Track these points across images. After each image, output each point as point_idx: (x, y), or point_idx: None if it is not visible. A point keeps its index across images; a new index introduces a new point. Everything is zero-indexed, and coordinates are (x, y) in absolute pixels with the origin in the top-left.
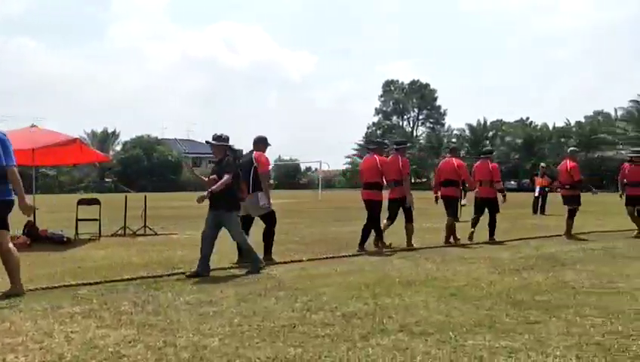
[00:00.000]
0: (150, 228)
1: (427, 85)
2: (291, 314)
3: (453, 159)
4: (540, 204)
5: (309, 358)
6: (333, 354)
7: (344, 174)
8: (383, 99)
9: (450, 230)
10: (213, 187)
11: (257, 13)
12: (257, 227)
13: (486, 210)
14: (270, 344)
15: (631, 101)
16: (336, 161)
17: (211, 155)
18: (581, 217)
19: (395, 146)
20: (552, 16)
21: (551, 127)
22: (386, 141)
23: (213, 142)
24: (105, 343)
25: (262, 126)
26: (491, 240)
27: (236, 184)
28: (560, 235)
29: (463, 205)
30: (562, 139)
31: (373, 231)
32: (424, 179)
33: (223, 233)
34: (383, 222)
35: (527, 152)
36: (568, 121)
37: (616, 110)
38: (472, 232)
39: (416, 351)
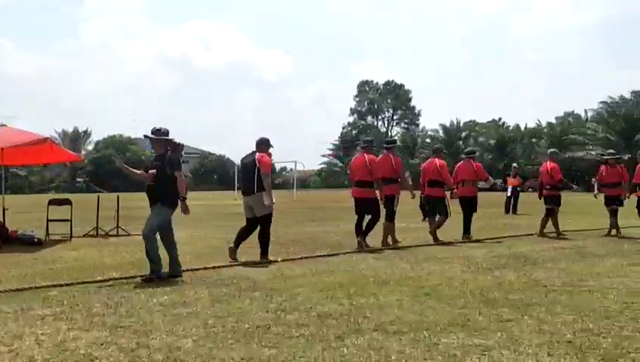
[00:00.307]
0: (123, 229)
1: (402, 86)
2: (266, 315)
3: (436, 160)
4: (512, 204)
5: (283, 359)
6: (307, 354)
7: (319, 174)
8: (358, 99)
9: (437, 227)
10: (181, 191)
11: (231, 12)
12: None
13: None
14: (244, 345)
15: (601, 102)
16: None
17: (185, 155)
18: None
19: (385, 145)
20: (525, 18)
21: (523, 128)
22: (371, 139)
23: (152, 136)
24: (76, 345)
25: (237, 126)
26: (465, 238)
27: (174, 181)
28: (532, 234)
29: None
30: (534, 140)
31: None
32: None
33: (197, 233)
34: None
35: (499, 153)
36: (539, 122)
37: (586, 111)
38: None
39: (390, 351)
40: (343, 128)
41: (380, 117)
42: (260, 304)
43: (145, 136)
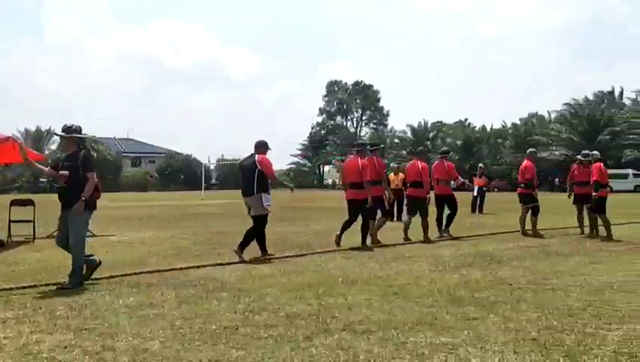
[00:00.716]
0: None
1: (370, 86)
2: (234, 316)
3: (418, 161)
4: (478, 204)
5: (251, 360)
6: (276, 355)
7: (288, 174)
8: (327, 99)
9: (425, 228)
10: (85, 192)
11: (199, 11)
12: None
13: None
14: (212, 346)
15: (565, 104)
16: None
17: (152, 154)
18: (518, 216)
19: (369, 148)
20: (491, 20)
21: (489, 129)
22: (361, 142)
23: (62, 133)
24: (39, 349)
25: (205, 125)
26: (445, 231)
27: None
28: (497, 233)
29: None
30: (499, 140)
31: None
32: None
33: (163, 234)
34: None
35: (466, 153)
36: (505, 123)
37: (549, 113)
38: (440, 229)
39: (359, 350)
40: (312, 128)
41: (349, 117)
42: (228, 305)
43: (55, 133)
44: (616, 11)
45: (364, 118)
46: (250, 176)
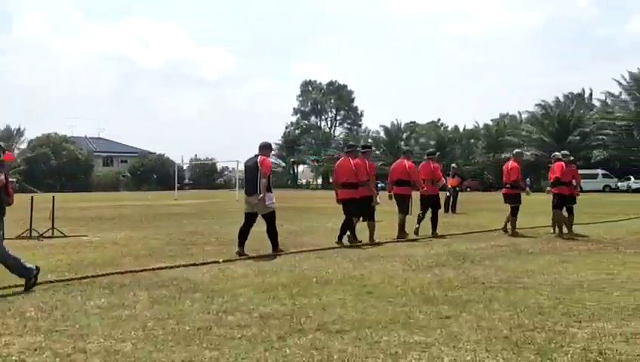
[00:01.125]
0: (59, 230)
1: (345, 86)
2: (207, 317)
3: (405, 161)
4: (450, 203)
5: (225, 361)
6: (250, 355)
7: None
8: (301, 98)
9: (401, 226)
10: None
11: (172, 9)
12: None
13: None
14: (185, 347)
15: (536, 105)
16: None
17: (124, 154)
18: (490, 215)
19: (361, 150)
20: (465, 22)
21: (461, 129)
22: (354, 144)
23: None
24: (9, 351)
25: (178, 125)
26: (434, 234)
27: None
28: (469, 233)
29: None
30: (472, 141)
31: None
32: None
33: (136, 235)
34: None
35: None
36: (477, 123)
37: (520, 113)
38: (417, 228)
39: (333, 350)
40: (286, 128)
41: (323, 117)
42: (201, 305)
43: None
44: (585, 12)
45: (338, 118)
46: (253, 176)
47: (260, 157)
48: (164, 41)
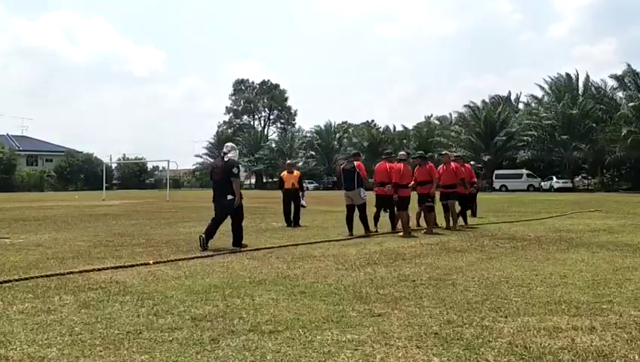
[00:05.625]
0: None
1: (277, 86)
2: (137, 320)
3: (386, 163)
4: None
5: None
6: (181, 358)
7: (193, 173)
8: (234, 97)
9: (405, 224)
10: None
11: (99, 3)
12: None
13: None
14: (114, 352)
15: (465, 106)
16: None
17: (49, 153)
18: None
19: (398, 157)
20: (392, 25)
21: (393, 130)
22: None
23: None
24: None
25: (104, 123)
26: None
27: None
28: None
29: (303, 206)
30: (404, 141)
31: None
32: (276, 179)
33: (62, 236)
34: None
35: (372, 153)
36: (404, 125)
37: (450, 114)
38: (377, 229)
39: (266, 350)
40: (219, 127)
41: (256, 116)
42: (131, 308)
43: None
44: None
45: (271, 117)
46: (352, 177)
47: (355, 162)
48: (90, 35)
